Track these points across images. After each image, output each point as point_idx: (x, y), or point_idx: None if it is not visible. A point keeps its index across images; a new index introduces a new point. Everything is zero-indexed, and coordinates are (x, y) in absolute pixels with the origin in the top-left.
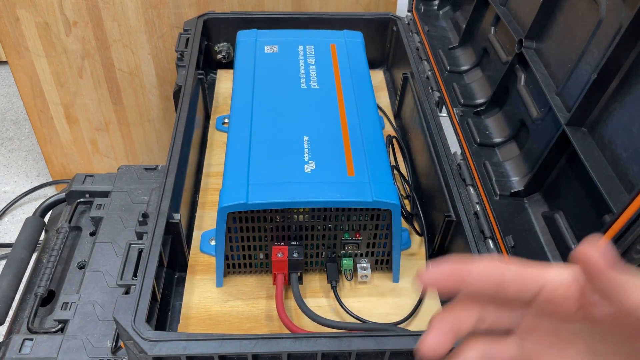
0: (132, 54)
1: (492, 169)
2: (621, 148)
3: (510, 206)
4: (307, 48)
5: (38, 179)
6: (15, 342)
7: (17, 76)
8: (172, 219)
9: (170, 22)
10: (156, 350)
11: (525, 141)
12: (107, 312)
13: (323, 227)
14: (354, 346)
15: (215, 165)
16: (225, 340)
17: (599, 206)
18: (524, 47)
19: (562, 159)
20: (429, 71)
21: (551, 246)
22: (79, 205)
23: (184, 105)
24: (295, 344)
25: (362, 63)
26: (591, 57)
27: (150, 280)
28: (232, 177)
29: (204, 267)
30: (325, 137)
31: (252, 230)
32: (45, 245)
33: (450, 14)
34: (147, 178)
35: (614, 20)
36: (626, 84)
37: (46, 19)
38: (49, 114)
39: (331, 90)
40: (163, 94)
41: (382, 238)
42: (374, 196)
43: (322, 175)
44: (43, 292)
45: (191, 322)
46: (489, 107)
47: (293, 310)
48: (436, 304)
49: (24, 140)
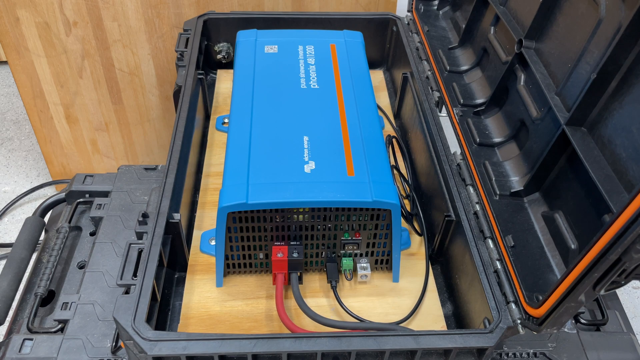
0: (132, 54)
1: (492, 168)
2: (621, 148)
3: (510, 206)
4: (307, 48)
5: (38, 179)
6: (15, 342)
7: (17, 76)
8: (172, 219)
9: (170, 22)
10: (156, 350)
11: (525, 141)
12: (107, 312)
13: (323, 227)
14: (353, 346)
15: (215, 165)
16: (225, 340)
17: (599, 206)
18: (524, 47)
19: (562, 158)
20: (428, 71)
21: (551, 246)
22: (79, 205)
23: (184, 105)
24: (295, 344)
25: (362, 63)
26: (591, 57)
27: (150, 280)
28: (232, 177)
29: (204, 267)
30: (325, 137)
31: (252, 230)
32: (45, 245)
33: (450, 14)
34: (147, 178)
35: (613, 20)
36: (626, 84)
37: (46, 19)
38: (49, 114)
39: (331, 90)
40: (163, 94)
41: (382, 238)
42: (373, 196)
43: (322, 175)
44: (43, 292)
45: (191, 322)
46: (488, 107)
47: (293, 310)
48: (436, 304)
49: (24, 140)
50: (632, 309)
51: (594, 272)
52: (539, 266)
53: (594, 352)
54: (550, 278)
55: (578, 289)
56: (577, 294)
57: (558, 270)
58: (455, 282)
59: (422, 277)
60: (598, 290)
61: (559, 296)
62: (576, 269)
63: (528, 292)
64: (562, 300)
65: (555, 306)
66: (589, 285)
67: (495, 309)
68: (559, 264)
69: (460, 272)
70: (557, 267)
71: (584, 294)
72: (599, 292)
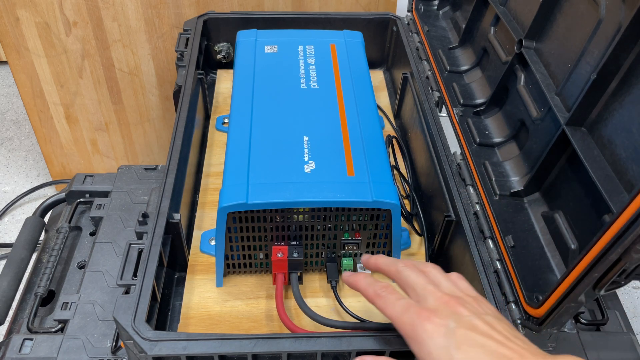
0: (132, 54)
1: (492, 169)
2: (621, 148)
3: (510, 206)
4: (307, 48)
5: (38, 179)
6: (15, 342)
7: (17, 76)
8: (172, 219)
9: (170, 22)
10: (156, 350)
11: (525, 141)
12: (107, 312)
13: (323, 227)
14: (353, 346)
15: (215, 165)
16: (225, 340)
17: (599, 206)
18: (524, 47)
19: (562, 158)
20: (428, 71)
21: (551, 246)
22: (79, 205)
23: (184, 105)
24: (295, 344)
25: (362, 63)
26: (591, 57)
27: (150, 280)
28: (232, 177)
29: (204, 267)
30: (325, 137)
31: (252, 230)
32: (45, 245)
33: (450, 14)
34: (147, 178)
35: (613, 20)
36: (626, 84)
37: (46, 19)
38: (49, 114)
39: (331, 90)
40: (163, 94)
41: (382, 238)
42: (373, 196)
43: (322, 175)
44: (43, 292)
45: (191, 322)
46: (488, 107)
47: (293, 310)
48: None
49: (24, 140)
50: (632, 309)
51: (594, 272)
52: (539, 266)
53: (594, 352)
54: (550, 278)
55: (578, 289)
56: (577, 294)
57: (558, 271)
58: None
59: None
60: (598, 290)
61: (559, 296)
62: (576, 269)
63: (528, 292)
64: (562, 300)
65: (555, 306)
66: (589, 286)
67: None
68: (559, 264)
69: (460, 272)
70: (557, 267)
71: (584, 294)
72: (599, 292)
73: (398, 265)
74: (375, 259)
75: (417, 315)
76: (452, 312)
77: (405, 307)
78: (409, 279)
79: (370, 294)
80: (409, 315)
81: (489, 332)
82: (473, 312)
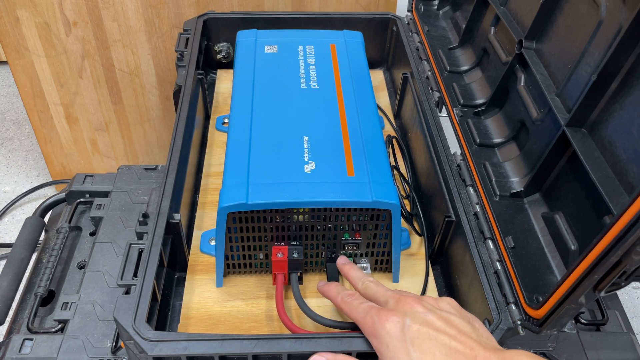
0: (132, 54)
1: (492, 169)
2: (621, 149)
3: (510, 207)
4: (307, 48)
5: (38, 179)
6: (15, 342)
7: (17, 76)
8: (172, 219)
9: (170, 22)
10: (156, 350)
11: (525, 142)
12: (107, 312)
13: (323, 227)
14: (354, 346)
15: (215, 165)
16: (225, 340)
17: (599, 207)
18: (524, 47)
19: (562, 159)
20: (428, 71)
21: (551, 247)
22: (79, 205)
23: (184, 105)
24: (296, 344)
25: (362, 63)
26: (591, 58)
27: (151, 281)
28: (232, 177)
29: (204, 267)
30: (325, 137)
31: (252, 230)
32: (45, 245)
33: (450, 14)
34: (147, 178)
35: (614, 22)
36: (626, 85)
37: (46, 19)
38: (49, 114)
39: (331, 90)
40: (163, 94)
41: (382, 238)
42: (373, 196)
43: (322, 175)
44: (43, 292)
45: (191, 322)
46: (488, 108)
47: (293, 310)
48: None
49: (24, 140)
50: (632, 309)
51: (594, 273)
52: (539, 267)
53: (594, 352)
54: (551, 279)
55: (578, 290)
56: (577, 296)
57: (558, 272)
58: (455, 283)
59: (422, 278)
60: (598, 292)
61: (559, 297)
62: (576, 271)
63: (528, 293)
64: (562, 301)
65: (556, 307)
66: (589, 287)
67: (495, 310)
68: (559, 265)
69: (460, 273)
70: (557, 269)
71: (584, 296)
72: (599, 294)
73: (364, 281)
74: (346, 271)
75: (377, 316)
76: (409, 310)
77: (367, 309)
78: (372, 290)
79: (338, 301)
80: (370, 316)
81: (443, 328)
82: (429, 309)
